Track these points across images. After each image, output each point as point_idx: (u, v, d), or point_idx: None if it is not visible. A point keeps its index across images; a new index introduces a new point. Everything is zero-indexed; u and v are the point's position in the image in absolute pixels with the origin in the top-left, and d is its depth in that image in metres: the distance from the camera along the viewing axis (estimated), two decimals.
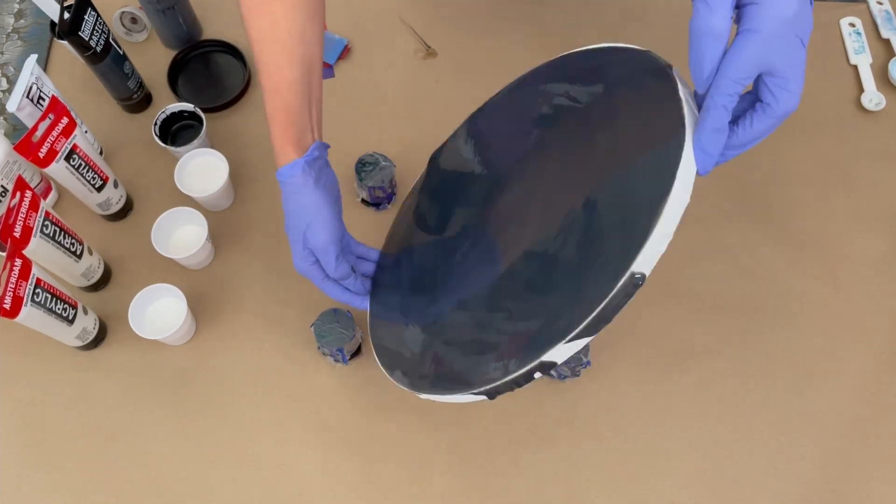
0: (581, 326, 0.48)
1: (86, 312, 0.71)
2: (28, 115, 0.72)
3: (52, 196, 0.81)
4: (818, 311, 0.76)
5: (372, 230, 0.77)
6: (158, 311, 0.73)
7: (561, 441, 0.71)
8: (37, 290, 0.63)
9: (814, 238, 0.79)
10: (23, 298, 0.62)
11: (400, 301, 0.67)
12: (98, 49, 0.75)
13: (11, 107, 0.70)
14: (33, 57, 0.72)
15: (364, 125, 0.85)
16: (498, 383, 0.52)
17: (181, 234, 0.76)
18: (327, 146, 0.63)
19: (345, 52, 0.89)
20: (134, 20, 0.88)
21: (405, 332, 0.64)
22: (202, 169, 0.78)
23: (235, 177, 0.81)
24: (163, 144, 0.79)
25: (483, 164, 0.68)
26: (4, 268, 0.61)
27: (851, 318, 0.76)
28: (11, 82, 0.89)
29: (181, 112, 0.81)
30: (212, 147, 0.81)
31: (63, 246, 0.68)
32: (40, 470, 0.69)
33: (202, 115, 0.80)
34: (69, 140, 0.69)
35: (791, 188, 0.82)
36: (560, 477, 0.69)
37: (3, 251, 0.64)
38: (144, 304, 0.72)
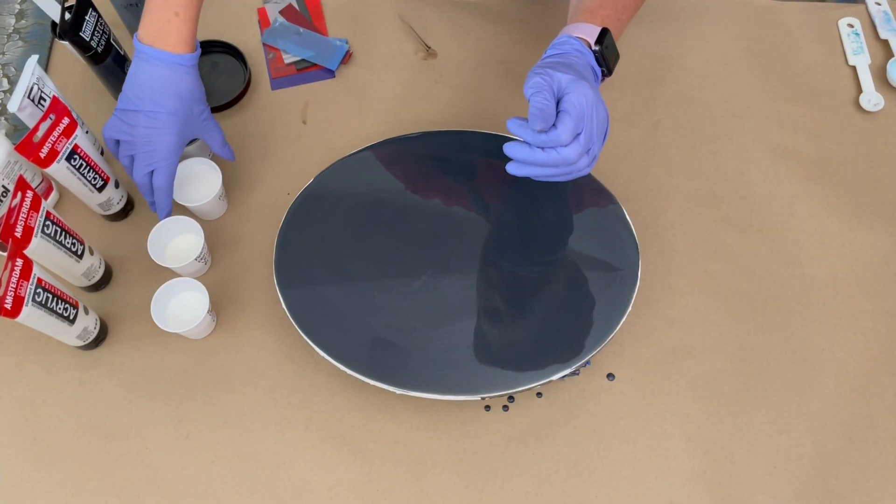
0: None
1: (87, 312, 0.71)
2: (29, 116, 0.72)
3: (53, 196, 0.81)
4: (818, 311, 0.76)
5: None
6: (179, 305, 0.73)
7: (561, 441, 0.71)
8: (38, 290, 0.63)
9: (813, 238, 0.80)
10: (24, 298, 0.62)
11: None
12: (99, 49, 0.75)
13: (13, 107, 0.70)
14: (34, 57, 0.72)
15: (363, 125, 0.85)
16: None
17: (177, 243, 0.76)
18: None
19: (346, 56, 0.89)
20: None
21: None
22: (194, 179, 0.77)
23: (234, 178, 0.82)
24: None
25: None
26: (6, 268, 0.61)
27: (851, 318, 0.76)
28: (13, 83, 0.89)
29: None
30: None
31: (64, 246, 0.68)
32: (41, 469, 0.69)
33: None
34: (70, 140, 0.69)
35: (790, 188, 0.82)
36: (560, 477, 0.69)
37: (5, 251, 0.64)
38: (166, 297, 0.72)
